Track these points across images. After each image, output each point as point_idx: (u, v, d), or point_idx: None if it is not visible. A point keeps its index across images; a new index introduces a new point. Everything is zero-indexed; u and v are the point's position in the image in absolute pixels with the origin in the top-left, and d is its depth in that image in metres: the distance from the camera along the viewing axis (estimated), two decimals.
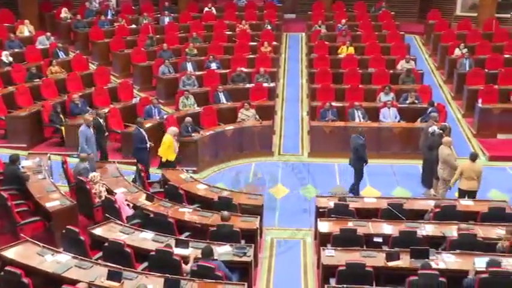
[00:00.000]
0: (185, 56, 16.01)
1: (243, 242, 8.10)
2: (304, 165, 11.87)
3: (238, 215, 8.90)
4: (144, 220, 8.70)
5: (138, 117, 11.72)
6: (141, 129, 11.02)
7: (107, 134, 11.73)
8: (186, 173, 10.52)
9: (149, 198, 9.22)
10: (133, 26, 18.57)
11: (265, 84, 14.69)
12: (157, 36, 17.56)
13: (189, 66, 15.40)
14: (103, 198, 9.09)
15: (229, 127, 12.75)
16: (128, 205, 9.00)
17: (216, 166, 12.18)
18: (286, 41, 19.60)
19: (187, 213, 8.95)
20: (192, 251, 7.62)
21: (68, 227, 7.72)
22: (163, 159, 10.93)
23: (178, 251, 7.56)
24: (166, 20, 19.08)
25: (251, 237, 8.39)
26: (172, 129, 11.07)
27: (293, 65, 17.84)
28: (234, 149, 12.65)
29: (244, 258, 7.64)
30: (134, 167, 10.62)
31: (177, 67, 15.52)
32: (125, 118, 12.90)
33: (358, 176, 10.64)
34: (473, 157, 9.93)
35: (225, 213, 8.41)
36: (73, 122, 12.39)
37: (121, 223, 8.38)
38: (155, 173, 11.16)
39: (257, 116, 13.16)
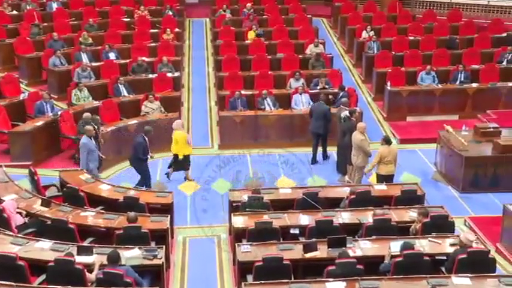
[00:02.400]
0: (79, 45, 15.42)
1: (153, 243, 8.01)
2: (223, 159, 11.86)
3: (146, 215, 8.76)
4: (40, 228, 8.31)
5: (146, 126, 11.03)
6: (146, 138, 10.63)
7: None
8: (87, 173, 10.17)
9: (45, 203, 8.83)
10: (15, 12, 17.58)
11: (169, 74, 14.50)
12: (45, 24, 16.77)
13: (84, 57, 14.86)
14: None
15: (133, 121, 12.49)
16: (20, 213, 8.53)
17: (120, 164, 11.88)
18: (190, 27, 19.46)
19: (90, 217, 8.70)
20: (96, 258, 7.42)
21: None
22: (180, 156, 11.12)
23: (81, 259, 7.33)
24: (54, 5, 18.27)
25: (162, 238, 8.31)
26: (178, 122, 11.23)
27: (198, 52, 17.77)
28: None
29: (155, 261, 7.55)
30: (26, 170, 10.10)
31: (70, 58, 14.94)
32: (12, 116, 12.22)
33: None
34: (388, 140, 10.37)
35: (131, 214, 8.23)
36: None
37: (11, 234, 7.93)
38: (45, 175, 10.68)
39: (162, 109, 12.99)
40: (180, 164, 11.23)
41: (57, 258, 7.07)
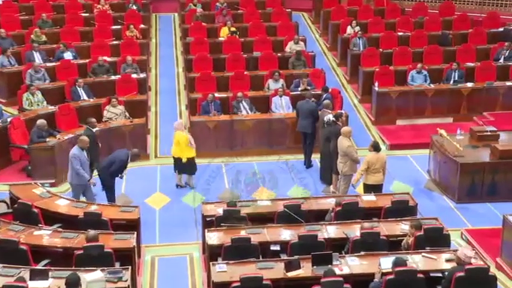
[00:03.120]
0: (31, 43, 15.27)
1: (117, 264, 7.95)
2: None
3: (110, 232, 8.71)
4: None
5: (135, 149, 10.92)
6: (129, 159, 10.61)
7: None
8: (42, 187, 10.06)
9: None
10: None
11: (133, 76, 14.44)
12: None
13: (37, 57, 14.73)
14: None
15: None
16: None
17: None
18: (156, 23, 19.44)
19: (46, 236, 8.60)
20: (53, 283, 7.34)
21: None
22: (184, 159, 11.24)
23: (34, 284, 7.25)
24: None
25: (127, 258, 8.26)
26: (178, 122, 11.42)
27: (166, 51, 17.75)
28: (101, 154, 12.24)
29: (120, 284, 7.49)
30: None
31: (21, 58, 14.80)
32: None
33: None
34: (377, 147, 10.44)
35: (91, 232, 8.16)
36: None
37: None
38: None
39: (127, 114, 12.95)
40: (185, 167, 11.32)
41: (5, 285, 6.95)
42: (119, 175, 10.56)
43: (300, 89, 13.90)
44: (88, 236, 8.12)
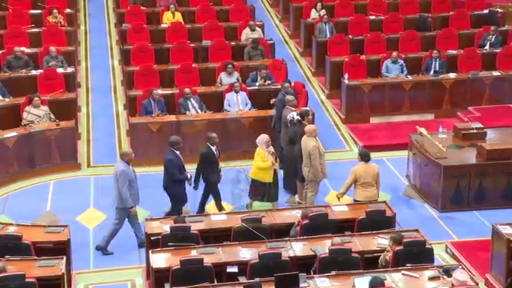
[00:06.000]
0: None
1: None
2: None
3: (33, 258, 8.58)
4: None
5: (172, 137, 10.79)
6: (178, 152, 10.49)
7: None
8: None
9: None
10: None
11: (59, 70, 14.28)
12: None
13: None
14: None
15: (11, 134, 12.23)
16: None
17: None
18: (85, 6, 19.28)
19: None
20: None
21: None
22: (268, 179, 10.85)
23: None
24: None
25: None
26: (263, 137, 10.91)
27: (98, 40, 17.65)
28: (22, 164, 12.25)
29: None
30: None
31: None
32: None
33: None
34: (366, 156, 10.40)
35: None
36: None
37: None
38: None
39: (52, 116, 12.80)
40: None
41: None
42: (184, 176, 10.48)
43: (257, 83, 13.96)
44: None
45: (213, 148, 10.86)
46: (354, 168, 10.40)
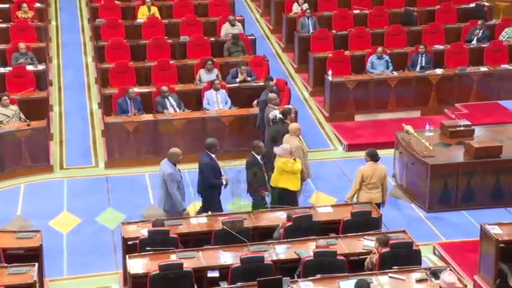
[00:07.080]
0: None
1: None
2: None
3: (3, 265, 8.52)
4: None
5: (208, 139, 10.65)
6: (213, 155, 10.40)
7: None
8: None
9: None
10: None
11: (29, 67, 14.22)
12: None
13: None
14: None
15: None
16: None
17: None
18: (56, 1, 19.17)
19: None
20: None
21: None
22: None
23: None
24: None
25: None
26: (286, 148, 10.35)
27: (70, 36, 17.58)
28: None
29: None
30: None
31: None
32: None
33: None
34: (375, 155, 10.40)
35: None
36: None
37: None
38: None
39: (22, 115, 12.74)
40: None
41: None
42: (220, 181, 10.40)
43: (238, 79, 13.98)
44: None
45: (258, 157, 10.68)
46: (360, 168, 10.42)
